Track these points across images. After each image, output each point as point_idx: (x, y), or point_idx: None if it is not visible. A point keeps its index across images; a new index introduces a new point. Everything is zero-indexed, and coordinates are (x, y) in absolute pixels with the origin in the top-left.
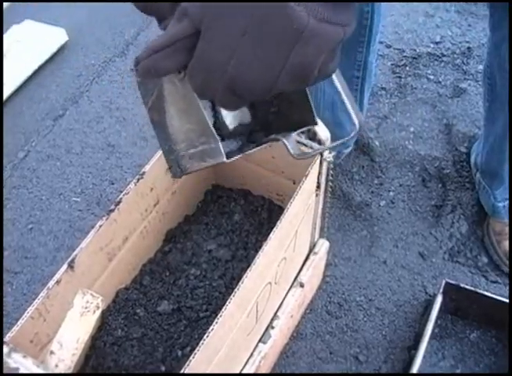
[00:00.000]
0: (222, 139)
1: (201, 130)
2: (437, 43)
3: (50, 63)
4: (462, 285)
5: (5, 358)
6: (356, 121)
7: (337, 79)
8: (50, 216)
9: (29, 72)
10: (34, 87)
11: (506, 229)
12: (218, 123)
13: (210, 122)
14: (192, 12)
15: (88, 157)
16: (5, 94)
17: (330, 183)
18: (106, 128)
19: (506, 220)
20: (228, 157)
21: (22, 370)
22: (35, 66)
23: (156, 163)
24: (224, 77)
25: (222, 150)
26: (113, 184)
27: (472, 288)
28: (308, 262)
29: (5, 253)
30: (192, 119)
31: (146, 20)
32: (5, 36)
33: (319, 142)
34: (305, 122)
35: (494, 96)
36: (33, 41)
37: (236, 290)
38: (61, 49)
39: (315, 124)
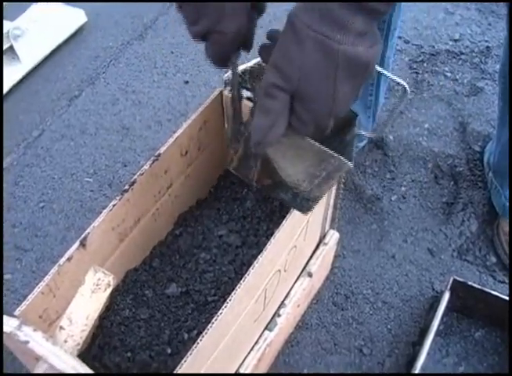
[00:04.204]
0: None
1: (318, 159)
2: (456, 41)
3: (68, 43)
4: (470, 283)
5: (14, 331)
6: (405, 84)
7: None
8: (62, 195)
9: (46, 52)
10: (51, 67)
11: None
12: None
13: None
14: (284, 85)
15: (102, 139)
16: (22, 72)
17: (343, 175)
18: (121, 111)
19: None
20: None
21: (32, 344)
22: (53, 46)
23: (171, 145)
24: (331, 115)
25: (345, 160)
26: (125, 166)
27: (479, 287)
28: (317, 252)
29: (16, 230)
30: (306, 157)
31: (165, 5)
32: (23, 15)
33: None
34: (349, 119)
35: (508, 96)
36: (51, 21)
37: (246, 275)
38: (79, 30)
39: (356, 115)
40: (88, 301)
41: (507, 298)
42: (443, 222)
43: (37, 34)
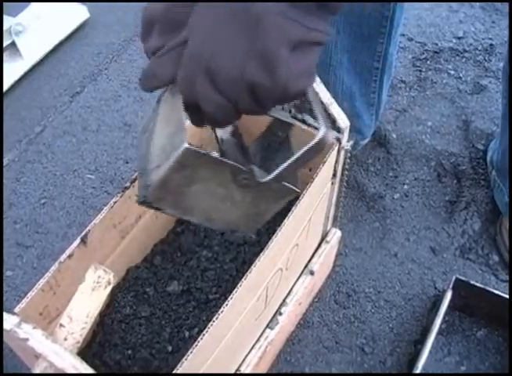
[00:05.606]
0: None
1: (175, 130)
2: (459, 38)
3: (70, 39)
4: (472, 282)
5: (14, 328)
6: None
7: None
8: (63, 192)
9: (49, 48)
10: (53, 63)
11: None
12: None
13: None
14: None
15: (103, 135)
16: (24, 68)
17: (346, 172)
18: (124, 107)
19: None
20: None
21: (31, 341)
22: (55, 42)
23: None
24: (201, 65)
25: (186, 138)
26: (127, 163)
27: (482, 286)
28: (319, 251)
29: (17, 226)
30: (170, 123)
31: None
32: (25, 11)
33: (338, 130)
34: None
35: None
36: (54, 17)
37: (247, 273)
38: (82, 26)
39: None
40: (88, 298)
41: (510, 297)
42: (446, 221)
43: (40, 30)
